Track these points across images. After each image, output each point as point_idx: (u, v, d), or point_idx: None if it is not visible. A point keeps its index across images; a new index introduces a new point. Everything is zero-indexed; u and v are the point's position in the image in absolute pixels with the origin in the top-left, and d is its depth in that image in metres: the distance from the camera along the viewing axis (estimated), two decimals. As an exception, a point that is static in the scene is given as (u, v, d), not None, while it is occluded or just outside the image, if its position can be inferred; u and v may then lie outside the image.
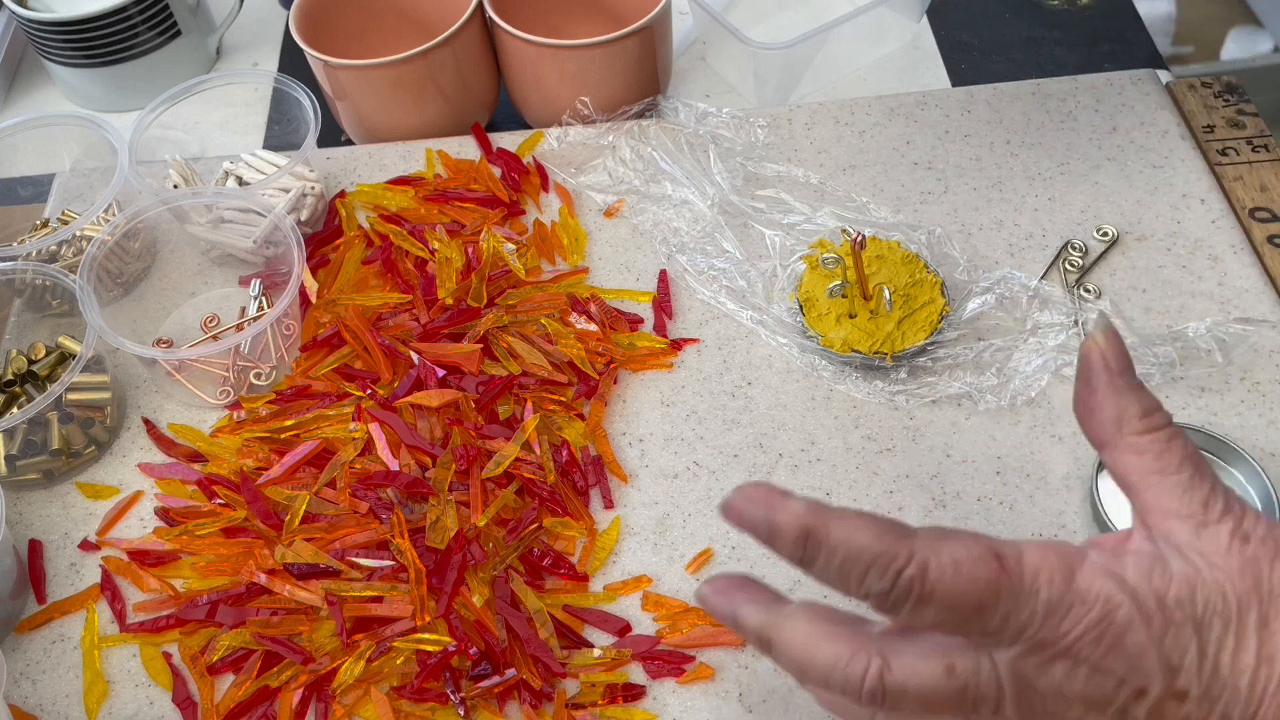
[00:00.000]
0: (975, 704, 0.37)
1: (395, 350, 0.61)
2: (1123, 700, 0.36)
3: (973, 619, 0.36)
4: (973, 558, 0.36)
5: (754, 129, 0.70)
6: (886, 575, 0.36)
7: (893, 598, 0.36)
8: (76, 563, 0.57)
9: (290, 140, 0.75)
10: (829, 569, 0.37)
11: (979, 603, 0.35)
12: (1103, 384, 0.39)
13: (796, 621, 0.38)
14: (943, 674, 0.37)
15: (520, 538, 0.54)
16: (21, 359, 0.61)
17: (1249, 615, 0.36)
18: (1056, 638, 0.36)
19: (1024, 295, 0.61)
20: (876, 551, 0.36)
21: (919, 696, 0.37)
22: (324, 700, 0.51)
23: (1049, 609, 0.36)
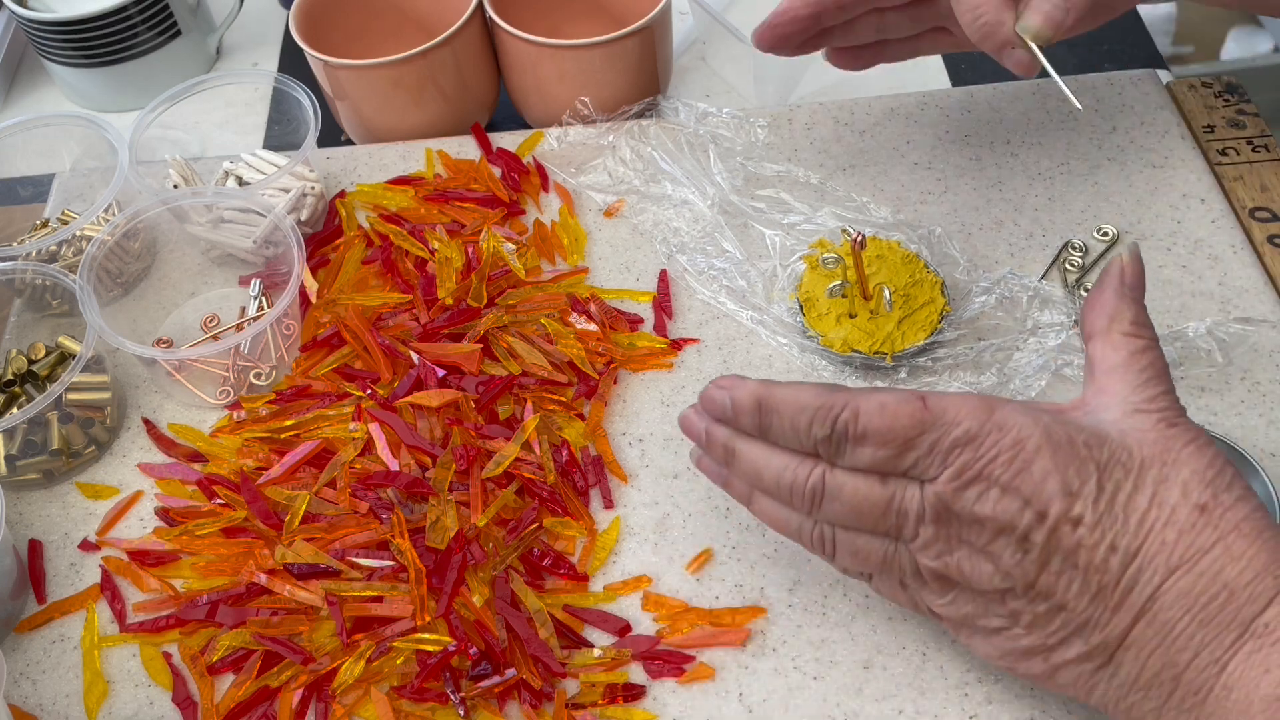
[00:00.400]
0: (899, 517, 0.43)
1: (395, 350, 0.61)
2: (1025, 524, 0.41)
3: (903, 453, 0.42)
4: (899, 400, 0.42)
5: (754, 129, 0.70)
6: (826, 422, 0.42)
7: (834, 440, 0.43)
8: (76, 563, 0.57)
9: (290, 140, 0.75)
10: (782, 429, 0.44)
11: (906, 436, 0.41)
12: (1113, 287, 0.45)
13: (755, 441, 0.46)
14: (877, 482, 0.43)
15: (520, 538, 0.54)
16: (21, 359, 0.61)
17: (1149, 471, 0.41)
18: (974, 461, 0.41)
19: (1024, 295, 0.61)
20: (817, 405, 0.43)
21: (852, 499, 0.43)
22: (324, 700, 0.51)
23: (969, 436, 0.41)
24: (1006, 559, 0.41)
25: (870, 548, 0.45)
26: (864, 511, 0.43)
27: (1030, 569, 0.41)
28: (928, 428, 0.41)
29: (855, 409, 0.42)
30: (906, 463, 0.42)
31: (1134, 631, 0.40)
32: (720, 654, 0.51)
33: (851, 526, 0.45)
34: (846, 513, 0.44)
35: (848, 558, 0.46)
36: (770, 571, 0.53)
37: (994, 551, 0.42)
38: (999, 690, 0.49)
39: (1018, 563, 0.41)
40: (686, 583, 0.54)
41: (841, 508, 0.44)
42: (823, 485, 0.44)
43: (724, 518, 0.55)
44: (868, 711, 0.49)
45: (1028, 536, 0.41)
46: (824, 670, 0.50)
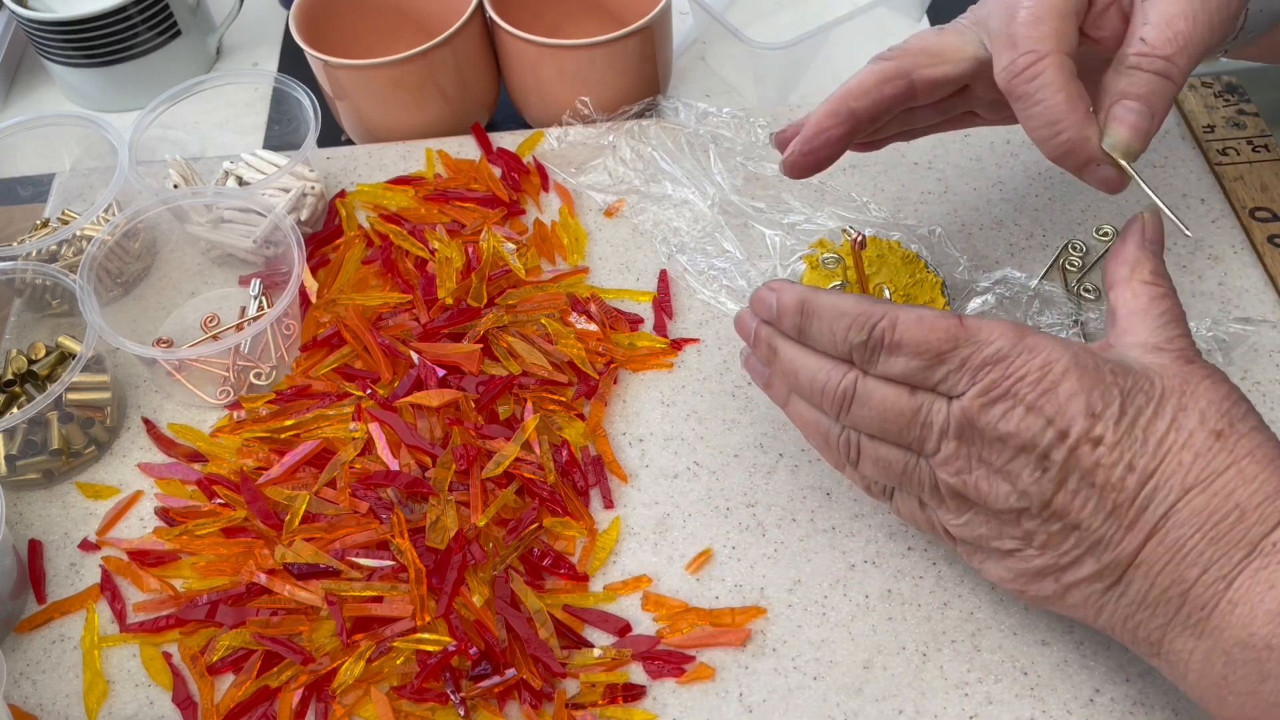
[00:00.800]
0: (924, 429, 0.44)
1: (395, 350, 0.61)
2: (1047, 443, 0.42)
3: (934, 366, 0.43)
4: (936, 314, 0.44)
5: (754, 129, 0.70)
6: (864, 328, 0.44)
7: (869, 346, 0.44)
8: (76, 563, 0.57)
9: (290, 140, 0.75)
10: (821, 333, 0.46)
11: (939, 349, 0.43)
12: (1134, 240, 0.47)
13: (795, 343, 0.48)
14: (906, 392, 0.45)
15: (520, 538, 0.54)
16: (21, 359, 0.61)
17: (1170, 399, 0.42)
18: (1002, 379, 0.42)
19: (1024, 295, 0.61)
20: (857, 312, 0.45)
21: (880, 406, 0.45)
22: (324, 700, 0.51)
23: (999, 355, 0.42)
24: (1025, 478, 0.42)
25: (892, 458, 0.46)
26: (890, 420, 0.45)
27: (1047, 487, 0.42)
28: (961, 343, 0.43)
29: (894, 319, 0.44)
30: (936, 376, 0.43)
31: (1145, 550, 0.41)
32: (720, 654, 0.51)
33: (877, 435, 0.46)
34: (873, 420, 0.45)
35: (870, 467, 0.47)
36: (770, 571, 0.53)
37: (1012, 470, 0.42)
38: (999, 690, 0.49)
39: (1035, 480, 0.42)
40: (686, 583, 0.54)
41: (869, 414, 0.45)
42: (853, 390, 0.46)
43: (724, 518, 0.55)
44: (868, 711, 0.49)
45: (1048, 455, 0.42)
46: (824, 670, 0.50)
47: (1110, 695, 0.49)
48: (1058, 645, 0.50)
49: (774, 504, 0.56)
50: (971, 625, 0.51)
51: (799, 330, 0.47)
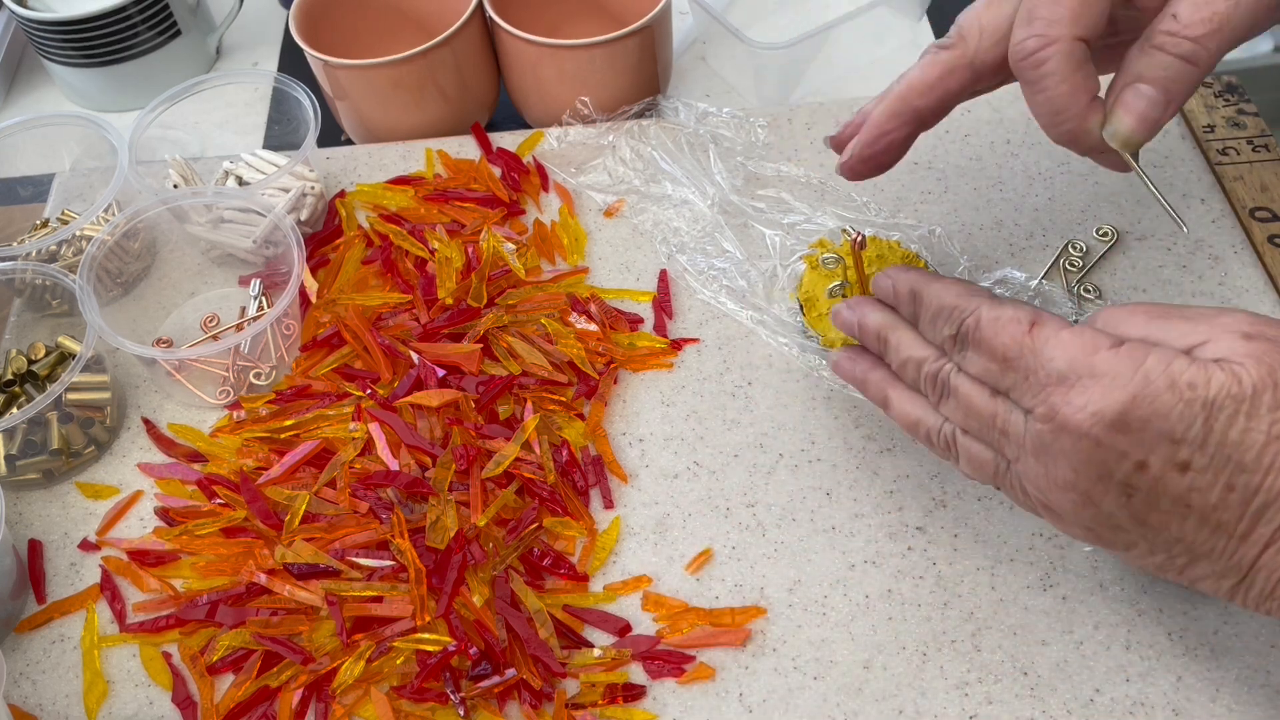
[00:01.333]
0: (1001, 436, 0.43)
1: (395, 350, 0.61)
2: (1125, 473, 0.40)
3: (1005, 371, 0.42)
4: (1011, 318, 0.43)
5: (754, 129, 0.70)
6: (953, 322, 0.45)
7: (958, 341, 0.45)
8: (76, 563, 0.57)
9: (290, 140, 0.75)
10: (925, 322, 0.47)
11: (1005, 354, 0.42)
12: None
13: (906, 329, 0.48)
14: (987, 393, 0.44)
15: (520, 538, 0.54)
16: (21, 359, 0.61)
17: (1263, 398, 0.38)
18: (1063, 404, 0.40)
19: (1024, 295, 0.61)
20: (953, 304, 0.45)
21: (965, 402, 0.44)
22: (324, 700, 0.51)
23: (1061, 378, 0.40)
24: (1109, 503, 0.41)
25: (984, 459, 0.45)
26: (972, 417, 0.44)
27: (1139, 509, 0.40)
28: (1025, 353, 0.42)
29: (978, 317, 0.44)
30: (1006, 382, 0.43)
31: (1264, 557, 0.40)
32: (720, 654, 0.51)
33: (969, 431, 0.45)
34: (960, 416, 0.45)
35: (967, 464, 0.46)
36: (770, 571, 0.53)
37: (1095, 495, 0.41)
38: (999, 690, 0.49)
39: (1121, 505, 0.41)
40: (686, 583, 0.54)
41: (957, 409, 0.45)
42: (946, 379, 0.45)
43: (724, 518, 0.55)
44: (868, 711, 0.49)
45: (1130, 483, 0.40)
46: (824, 670, 0.50)
47: (1110, 695, 0.49)
48: (1058, 645, 0.50)
49: (774, 504, 0.56)
50: (971, 625, 0.51)
51: (914, 317, 0.48)
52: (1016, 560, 0.53)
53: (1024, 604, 0.51)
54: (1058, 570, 0.52)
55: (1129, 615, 0.51)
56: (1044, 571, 0.52)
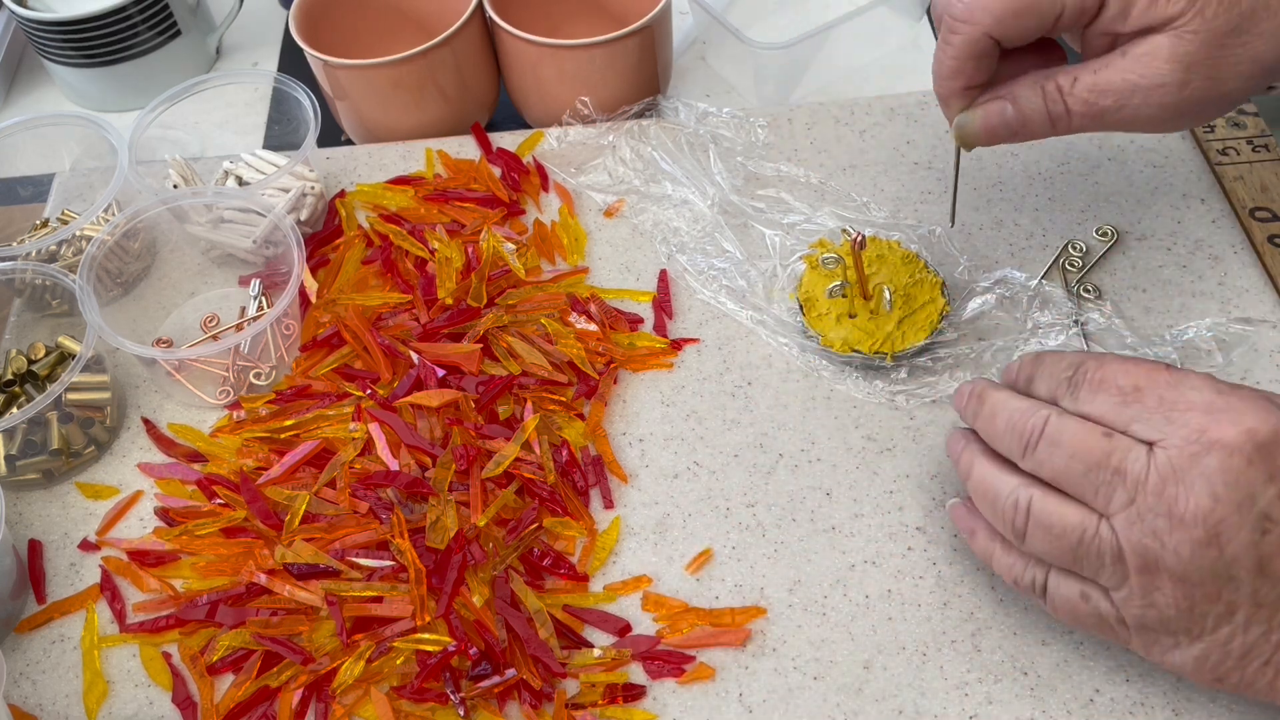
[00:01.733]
0: (1116, 474, 0.41)
1: (395, 350, 0.61)
2: (1268, 500, 0.38)
3: (1129, 402, 0.42)
4: (1144, 361, 0.43)
5: (754, 129, 0.70)
6: (1072, 365, 0.45)
7: (1074, 382, 0.44)
8: (76, 563, 0.57)
9: (290, 140, 0.75)
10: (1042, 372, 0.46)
11: (1137, 385, 0.42)
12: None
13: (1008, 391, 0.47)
14: (1101, 433, 0.42)
15: (520, 538, 0.54)
16: (21, 359, 0.61)
17: None
18: (1212, 426, 0.39)
19: (1024, 295, 0.61)
20: (1074, 357, 0.45)
21: (1072, 442, 0.42)
22: (324, 700, 0.51)
23: (1205, 406, 0.40)
24: (1240, 540, 0.39)
25: (1069, 521, 0.42)
26: (1079, 458, 0.42)
27: (1268, 550, 0.38)
28: (1162, 385, 0.41)
29: (1103, 359, 0.44)
30: (1131, 413, 0.41)
31: None
32: (720, 654, 0.51)
33: (1060, 482, 0.43)
34: (1061, 460, 0.43)
35: (1040, 536, 0.43)
36: (770, 571, 0.53)
37: (1224, 532, 0.39)
38: (999, 690, 0.49)
39: (1252, 544, 0.38)
40: (686, 583, 0.54)
41: (1057, 454, 0.43)
42: (1043, 426, 0.44)
43: (724, 518, 0.55)
44: (868, 711, 0.49)
45: (1268, 514, 0.38)
46: (824, 670, 0.50)
47: (1110, 695, 0.49)
48: (1058, 645, 0.50)
49: (774, 504, 0.56)
50: (971, 625, 0.51)
51: (1029, 379, 0.47)
52: (1016, 560, 0.53)
53: (1024, 604, 0.51)
54: (1058, 570, 0.52)
55: (1129, 615, 0.51)
56: (1044, 571, 0.52)
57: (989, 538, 0.48)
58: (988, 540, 0.48)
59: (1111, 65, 0.48)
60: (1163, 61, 0.47)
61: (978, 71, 0.51)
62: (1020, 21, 0.48)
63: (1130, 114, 0.48)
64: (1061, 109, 0.50)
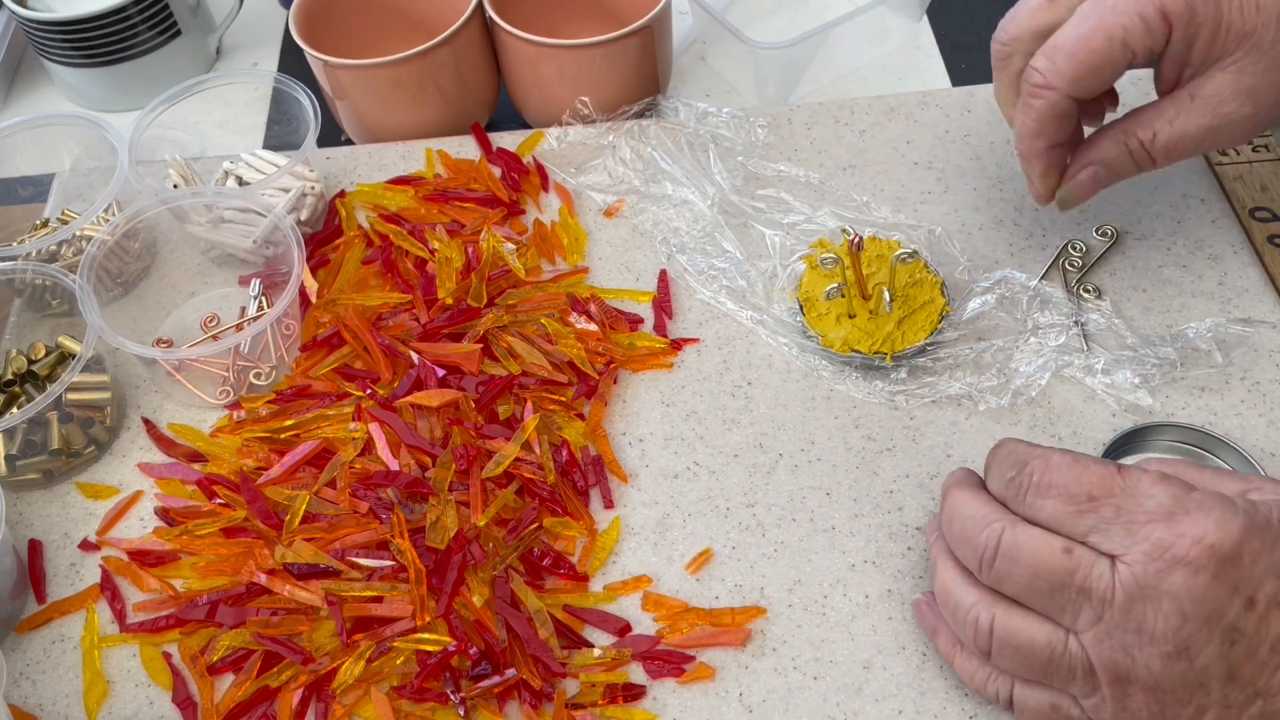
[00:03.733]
0: (1081, 593, 0.40)
1: (395, 350, 0.61)
2: (1234, 614, 0.38)
3: (1087, 512, 0.40)
4: (1092, 459, 0.41)
5: (754, 129, 0.70)
6: (1016, 465, 0.43)
7: (1019, 484, 0.42)
8: (76, 563, 0.57)
9: (290, 140, 0.75)
10: (993, 468, 0.45)
11: (1091, 494, 0.40)
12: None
13: (963, 487, 0.46)
14: (1060, 549, 0.40)
15: (520, 538, 0.54)
16: (21, 359, 0.61)
17: None
18: (1174, 540, 0.38)
19: (1024, 295, 0.61)
20: (1019, 452, 0.43)
21: (1031, 559, 0.40)
22: (324, 700, 0.51)
23: (1164, 512, 0.39)
24: (1208, 653, 0.39)
25: (1038, 640, 0.41)
26: (1041, 577, 0.41)
27: (1237, 659, 0.39)
28: (1117, 491, 0.40)
29: (1048, 457, 0.42)
30: (1087, 524, 0.40)
31: None
32: (720, 654, 0.51)
33: (1023, 599, 0.42)
34: (1022, 578, 0.41)
35: (1008, 654, 0.43)
36: (770, 571, 0.53)
37: (1194, 646, 0.39)
38: (999, 690, 0.49)
39: (1221, 656, 0.39)
40: (686, 583, 0.54)
41: (1017, 571, 0.41)
42: (998, 540, 0.42)
43: (724, 518, 0.55)
44: (868, 711, 0.49)
45: (1237, 627, 0.38)
46: (824, 670, 0.50)
47: (1110, 695, 0.49)
48: (1058, 645, 0.50)
49: (774, 504, 0.56)
50: (971, 625, 0.51)
51: (986, 469, 0.46)
52: (1016, 560, 0.53)
53: (1024, 604, 0.51)
54: (1058, 570, 0.52)
55: (1129, 615, 0.51)
56: (1044, 571, 0.52)
57: (951, 642, 0.48)
58: (949, 644, 0.48)
59: (1185, 113, 0.51)
60: (1230, 100, 0.50)
61: (1060, 131, 0.54)
62: (1097, 78, 0.51)
63: (1212, 145, 0.52)
64: (1148, 160, 0.53)
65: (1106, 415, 0.57)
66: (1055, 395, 0.58)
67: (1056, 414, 0.57)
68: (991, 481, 0.45)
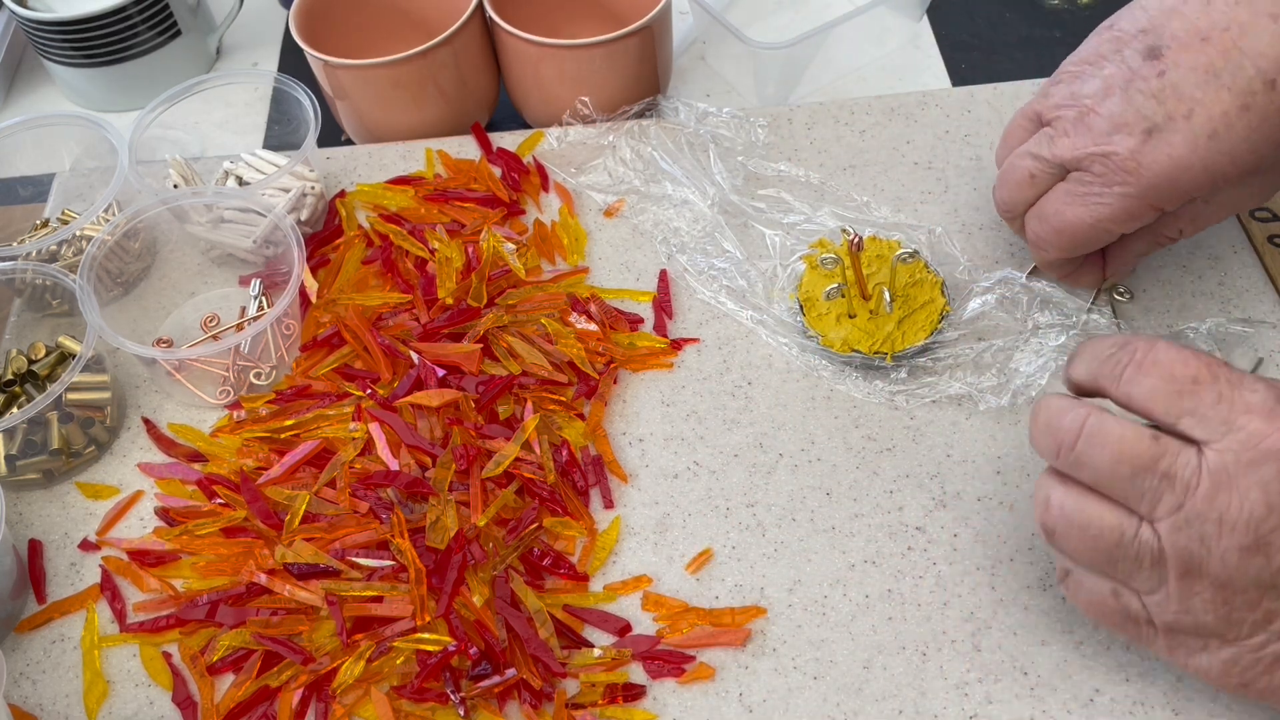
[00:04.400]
0: (1164, 479, 0.39)
1: (395, 350, 0.61)
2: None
3: (1184, 395, 0.39)
4: (1192, 352, 0.40)
5: (754, 129, 0.70)
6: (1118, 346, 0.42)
7: (1119, 361, 0.42)
8: (76, 563, 0.57)
9: (290, 140, 0.75)
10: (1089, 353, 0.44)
11: (1196, 378, 0.40)
12: None
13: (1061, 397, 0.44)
14: (1148, 435, 0.40)
15: (520, 538, 0.54)
16: (21, 359, 0.61)
17: None
18: (1271, 431, 0.38)
19: (1024, 295, 0.61)
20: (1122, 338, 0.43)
21: (1117, 443, 0.40)
22: (324, 700, 0.51)
23: (1264, 407, 0.39)
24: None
25: (1107, 523, 0.41)
26: (1123, 462, 0.40)
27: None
28: (1221, 380, 0.39)
29: (1153, 343, 0.41)
30: (1184, 407, 0.39)
31: None
32: (720, 654, 0.51)
33: (1101, 486, 0.41)
34: (1104, 463, 0.40)
35: (1076, 536, 0.42)
36: (770, 571, 0.53)
37: (1273, 542, 0.38)
38: (999, 690, 0.49)
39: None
40: (686, 583, 0.54)
41: (1099, 456, 0.41)
42: (1083, 425, 0.41)
43: (724, 518, 0.55)
44: (868, 711, 0.49)
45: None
46: (824, 670, 0.50)
47: (1110, 695, 0.49)
48: (1058, 645, 0.50)
49: (774, 504, 0.56)
50: (971, 625, 0.51)
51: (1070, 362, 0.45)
52: (1016, 560, 0.53)
53: (1024, 604, 0.51)
54: (1058, 570, 0.52)
55: (1129, 615, 0.51)
56: (1044, 571, 0.52)
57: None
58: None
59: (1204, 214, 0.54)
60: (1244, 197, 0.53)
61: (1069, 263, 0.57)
62: (1086, 247, 0.54)
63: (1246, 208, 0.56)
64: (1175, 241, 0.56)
65: (1106, 415, 0.57)
66: (1055, 395, 0.58)
67: (1056, 414, 0.57)
68: (1081, 364, 0.43)
